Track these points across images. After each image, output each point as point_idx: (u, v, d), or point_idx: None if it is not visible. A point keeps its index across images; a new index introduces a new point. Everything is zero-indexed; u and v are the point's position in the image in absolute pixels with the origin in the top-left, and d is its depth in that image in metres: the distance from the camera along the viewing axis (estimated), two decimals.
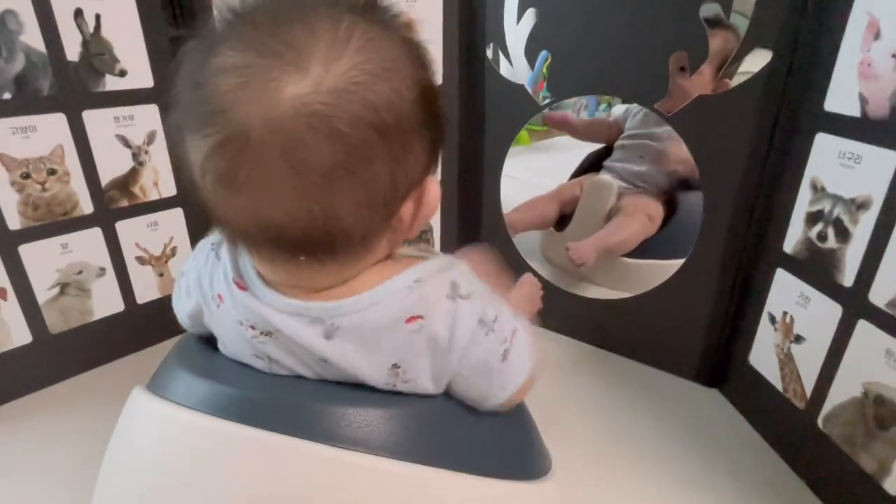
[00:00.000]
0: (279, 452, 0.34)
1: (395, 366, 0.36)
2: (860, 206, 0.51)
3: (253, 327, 0.36)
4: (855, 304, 0.52)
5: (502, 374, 0.38)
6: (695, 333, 0.74)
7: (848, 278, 0.53)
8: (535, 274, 0.80)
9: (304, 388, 0.37)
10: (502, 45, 0.77)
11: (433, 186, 0.35)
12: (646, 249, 1.00)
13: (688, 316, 0.74)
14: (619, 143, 1.15)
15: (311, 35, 0.29)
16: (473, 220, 0.91)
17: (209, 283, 0.39)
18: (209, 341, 0.42)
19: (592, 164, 1.23)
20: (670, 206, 1.04)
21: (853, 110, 0.51)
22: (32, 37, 0.63)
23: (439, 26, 0.78)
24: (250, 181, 0.29)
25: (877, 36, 0.48)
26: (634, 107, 1.15)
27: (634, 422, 0.70)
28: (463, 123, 0.84)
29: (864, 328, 0.51)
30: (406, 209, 0.34)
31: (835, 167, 0.54)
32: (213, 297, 0.39)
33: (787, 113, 0.59)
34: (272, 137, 0.28)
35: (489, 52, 0.78)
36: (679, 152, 1.02)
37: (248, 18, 0.30)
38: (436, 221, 0.91)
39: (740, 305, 0.69)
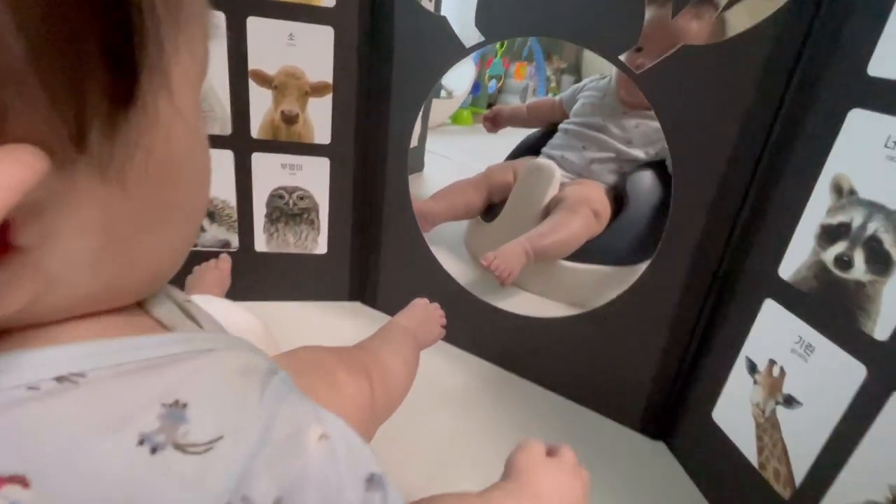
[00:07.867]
0: None
1: None
2: None
3: None
4: (890, 367, 0.35)
5: None
6: (643, 373, 0.56)
7: (882, 328, 0.36)
8: (441, 284, 0.60)
9: None
10: None
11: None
12: (587, 252, 0.82)
13: (636, 350, 0.56)
14: (561, 126, 0.97)
15: None
16: (374, 204, 0.69)
17: None
18: None
19: (530, 148, 1.04)
20: (618, 201, 0.87)
21: None
22: None
23: None
24: None
25: None
26: (585, 88, 0.97)
27: None
28: (363, 68, 0.62)
29: None
30: None
31: (878, 160, 0.36)
32: None
33: (807, 76, 0.41)
34: None
35: None
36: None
37: None
38: (323, 204, 0.69)
39: (706, 343, 0.52)
